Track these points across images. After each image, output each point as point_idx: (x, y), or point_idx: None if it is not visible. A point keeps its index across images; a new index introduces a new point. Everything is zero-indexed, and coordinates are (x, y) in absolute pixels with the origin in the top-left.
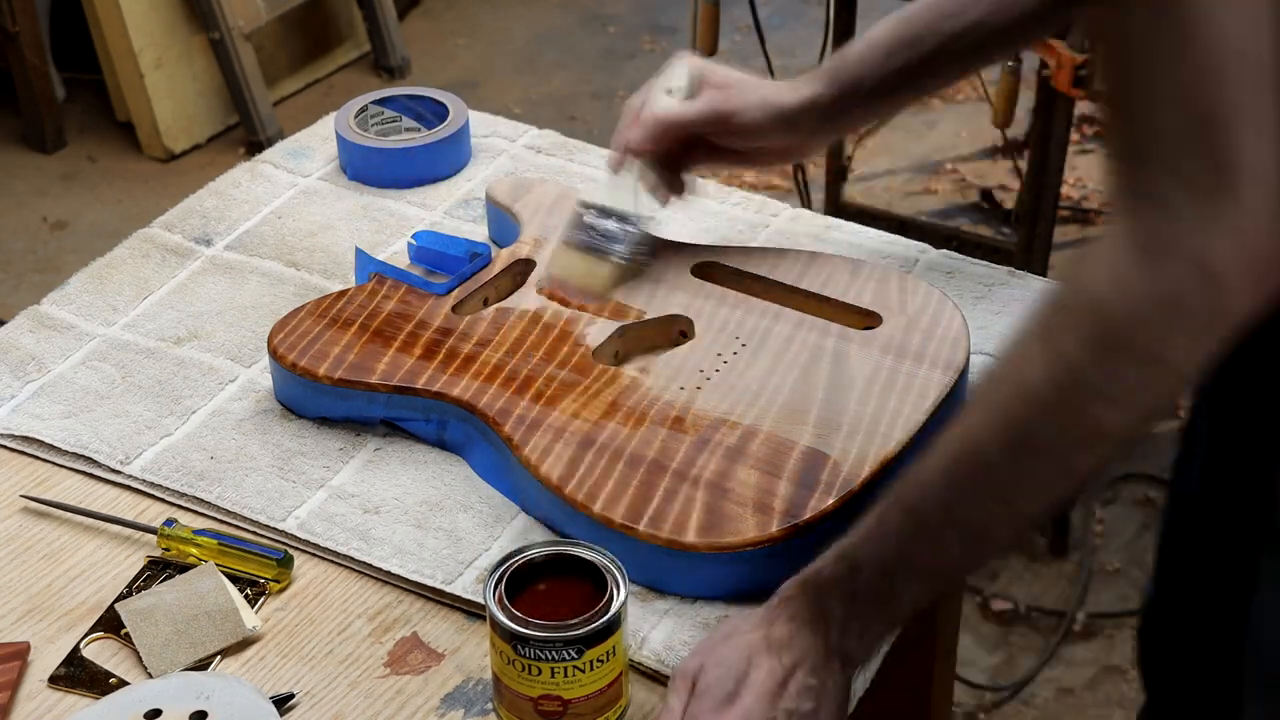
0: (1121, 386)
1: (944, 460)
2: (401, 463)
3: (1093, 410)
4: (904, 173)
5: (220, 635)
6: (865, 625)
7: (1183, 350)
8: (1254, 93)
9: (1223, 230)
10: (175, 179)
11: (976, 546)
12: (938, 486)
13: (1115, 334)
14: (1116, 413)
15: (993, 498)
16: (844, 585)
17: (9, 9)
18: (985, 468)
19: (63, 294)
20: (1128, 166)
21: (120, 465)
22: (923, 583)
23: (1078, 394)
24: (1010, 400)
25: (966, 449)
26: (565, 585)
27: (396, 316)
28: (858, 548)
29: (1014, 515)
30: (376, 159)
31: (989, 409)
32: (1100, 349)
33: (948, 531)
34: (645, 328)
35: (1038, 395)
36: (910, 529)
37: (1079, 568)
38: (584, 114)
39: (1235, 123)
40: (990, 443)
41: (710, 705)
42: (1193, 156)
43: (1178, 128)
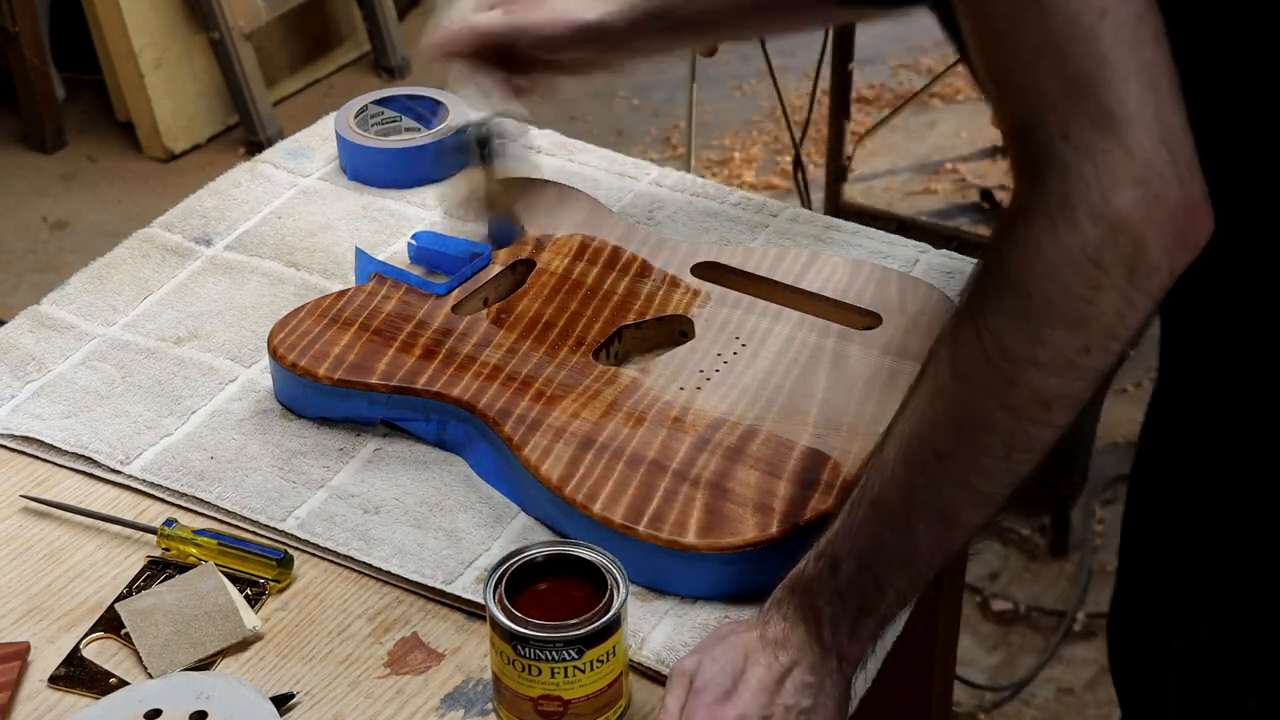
0: (1053, 353)
1: (898, 447)
2: (401, 463)
3: (1028, 380)
4: (904, 173)
5: (220, 635)
6: (855, 621)
7: (1109, 308)
8: (1127, 45)
9: (1122, 181)
10: (175, 179)
11: (947, 531)
12: (897, 475)
13: (1035, 302)
14: (1054, 379)
15: (950, 480)
16: (828, 583)
17: (9, 9)
18: (936, 452)
19: (63, 294)
20: (1019, 136)
21: (120, 465)
22: (902, 572)
23: (1010, 367)
24: (947, 382)
25: (916, 434)
26: (565, 585)
27: (396, 317)
28: (834, 544)
29: (976, 496)
30: (376, 159)
31: (931, 393)
32: (1024, 319)
33: (914, 519)
34: (645, 328)
35: (972, 373)
36: (877, 520)
37: (1079, 568)
38: (584, 114)
39: (1112, 76)
40: (936, 426)
41: (707, 702)
42: (1078, 115)
43: (1058, 90)
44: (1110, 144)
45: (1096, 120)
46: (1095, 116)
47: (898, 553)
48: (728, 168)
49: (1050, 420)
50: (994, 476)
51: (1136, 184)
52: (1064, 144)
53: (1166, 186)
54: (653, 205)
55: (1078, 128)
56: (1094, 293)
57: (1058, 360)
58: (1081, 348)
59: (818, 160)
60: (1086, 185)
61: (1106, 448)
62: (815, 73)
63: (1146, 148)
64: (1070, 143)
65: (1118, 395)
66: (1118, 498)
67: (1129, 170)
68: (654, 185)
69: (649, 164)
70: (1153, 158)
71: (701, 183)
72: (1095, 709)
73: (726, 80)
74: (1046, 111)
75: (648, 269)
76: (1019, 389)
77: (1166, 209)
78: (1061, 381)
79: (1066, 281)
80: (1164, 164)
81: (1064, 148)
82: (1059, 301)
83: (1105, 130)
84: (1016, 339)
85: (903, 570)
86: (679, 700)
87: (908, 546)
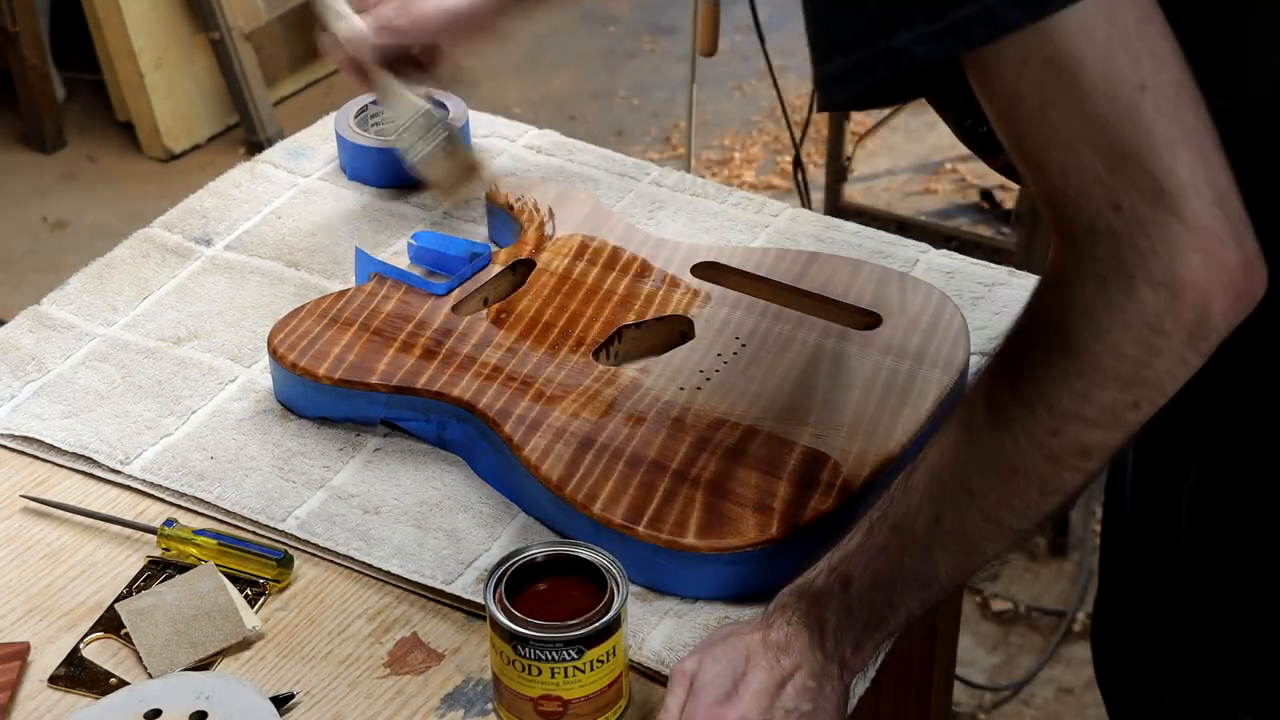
0: (1100, 409)
1: (928, 478)
2: (401, 463)
3: (1074, 433)
4: (904, 173)
5: (220, 635)
6: (861, 635)
7: (1165, 369)
8: (1169, 117)
9: (1185, 250)
10: (175, 179)
11: (967, 559)
12: (923, 504)
13: (1086, 363)
14: (1100, 432)
15: (980, 516)
16: (838, 597)
17: (9, 9)
18: (969, 490)
19: (63, 294)
20: (1061, 206)
21: (120, 465)
22: (914, 595)
23: (1055, 420)
24: (986, 428)
25: (949, 469)
26: (565, 585)
27: (396, 317)
28: (849, 562)
29: (1002, 530)
30: (376, 159)
31: (967, 433)
32: (1076, 378)
33: (936, 547)
34: (645, 328)
35: (1014, 423)
36: (897, 545)
37: (1079, 568)
38: (584, 114)
39: (1159, 148)
40: (971, 465)
41: (708, 703)
42: (1127, 189)
43: (1103, 166)
44: (1166, 215)
45: (1147, 193)
46: (1145, 189)
47: (915, 576)
48: (728, 168)
49: (1087, 468)
50: (1024, 515)
51: (1198, 252)
52: (1115, 215)
53: (1226, 250)
54: (653, 205)
55: (1128, 200)
56: (1151, 357)
57: (1105, 416)
58: (1131, 404)
59: (818, 160)
60: (1142, 255)
61: None
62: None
63: (1202, 215)
64: (1122, 214)
65: None
66: None
67: (1189, 240)
68: (654, 185)
69: (649, 164)
70: (1210, 223)
71: (701, 183)
72: (1095, 709)
73: (726, 80)
74: (1092, 186)
75: (648, 269)
76: (1062, 440)
77: (1228, 272)
78: (1106, 434)
79: (1120, 345)
80: (1221, 227)
81: (1115, 219)
82: (1112, 364)
83: (1158, 202)
84: (1065, 396)
85: (917, 593)
86: (679, 701)
87: (926, 572)
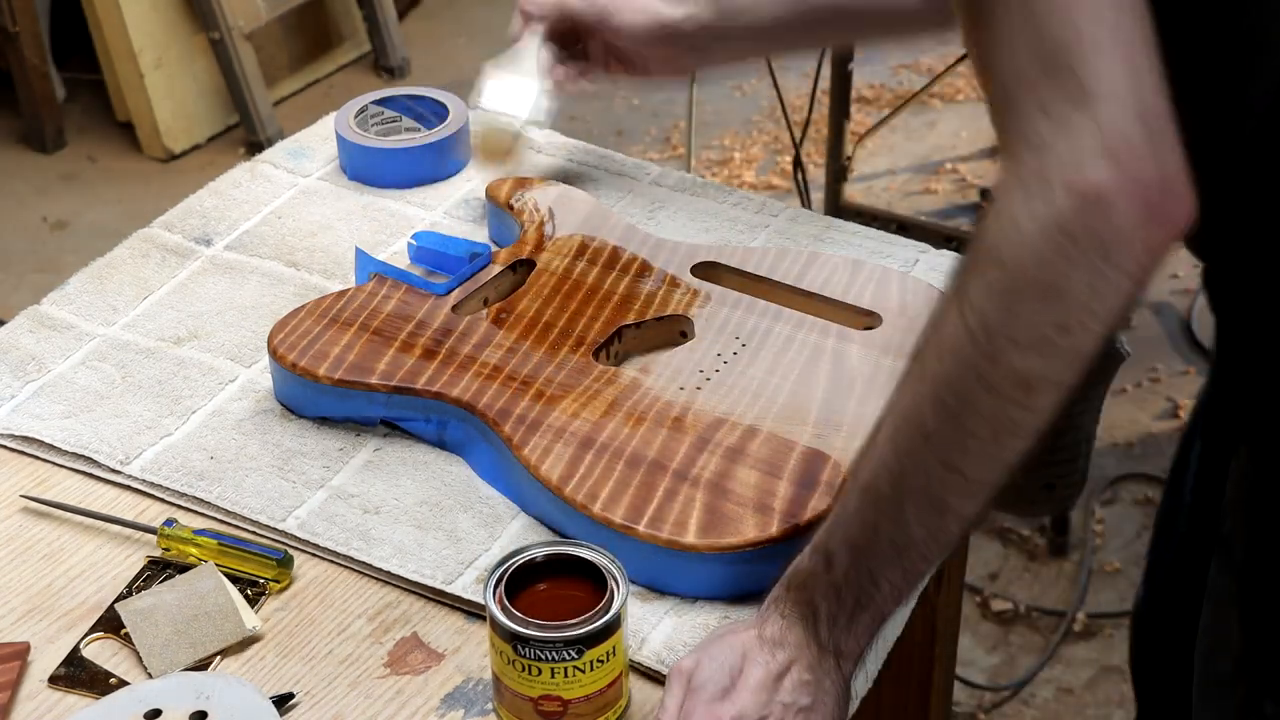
0: (1029, 328)
1: (888, 432)
2: (401, 463)
3: (1008, 359)
4: (904, 173)
5: (220, 635)
6: (851, 616)
7: (1082, 283)
8: (1105, 23)
9: (1092, 152)
10: (175, 179)
11: (938, 518)
12: (886, 459)
13: (1012, 275)
14: (1034, 358)
15: (937, 463)
16: (823, 578)
17: (9, 9)
18: (923, 433)
19: (63, 294)
20: (1004, 117)
21: (120, 465)
22: (894, 564)
23: (991, 343)
24: (933, 362)
25: (904, 416)
26: (565, 585)
27: (396, 317)
28: (828, 536)
29: (965, 482)
30: (376, 159)
31: (919, 374)
32: (1002, 293)
33: (905, 505)
34: (645, 328)
35: (955, 351)
36: (868, 507)
37: (1079, 568)
38: (584, 114)
39: (1087, 52)
40: (923, 407)
41: (705, 700)
42: (1055, 91)
43: (1037, 69)
44: (1084, 119)
45: (1072, 95)
46: (1071, 93)
47: (889, 540)
48: (728, 168)
49: (1031, 404)
50: (980, 461)
51: (1107, 157)
52: (1043, 119)
53: (1140, 162)
54: (653, 205)
55: (1056, 106)
56: (1067, 266)
57: (1035, 337)
58: (1058, 325)
59: (818, 160)
60: (1060, 160)
61: (1106, 448)
62: (815, 73)
63: (1118, 121)
64: (1049, 120)
65: (1118, 395)
66: (1117, 498)
67: (1101, 145)
68: (654, 185)
69: (649, 164)
70: (1126, 131)
71: (701, 183)
72: (1095, 709)
73: (726, 80)
74: (1026, 90)
75: (648, 269)
76: (999, 367)
77: (1139, 183)
78: (1042, 361)
79: (1040, 253)
80: (1138, 138)
81: (1042, 123)
82: (1034, 274)
83: (1080, 105)
84: (995, 314)
85: (895, 560)
86: (677, 700)
87: (899, 534)
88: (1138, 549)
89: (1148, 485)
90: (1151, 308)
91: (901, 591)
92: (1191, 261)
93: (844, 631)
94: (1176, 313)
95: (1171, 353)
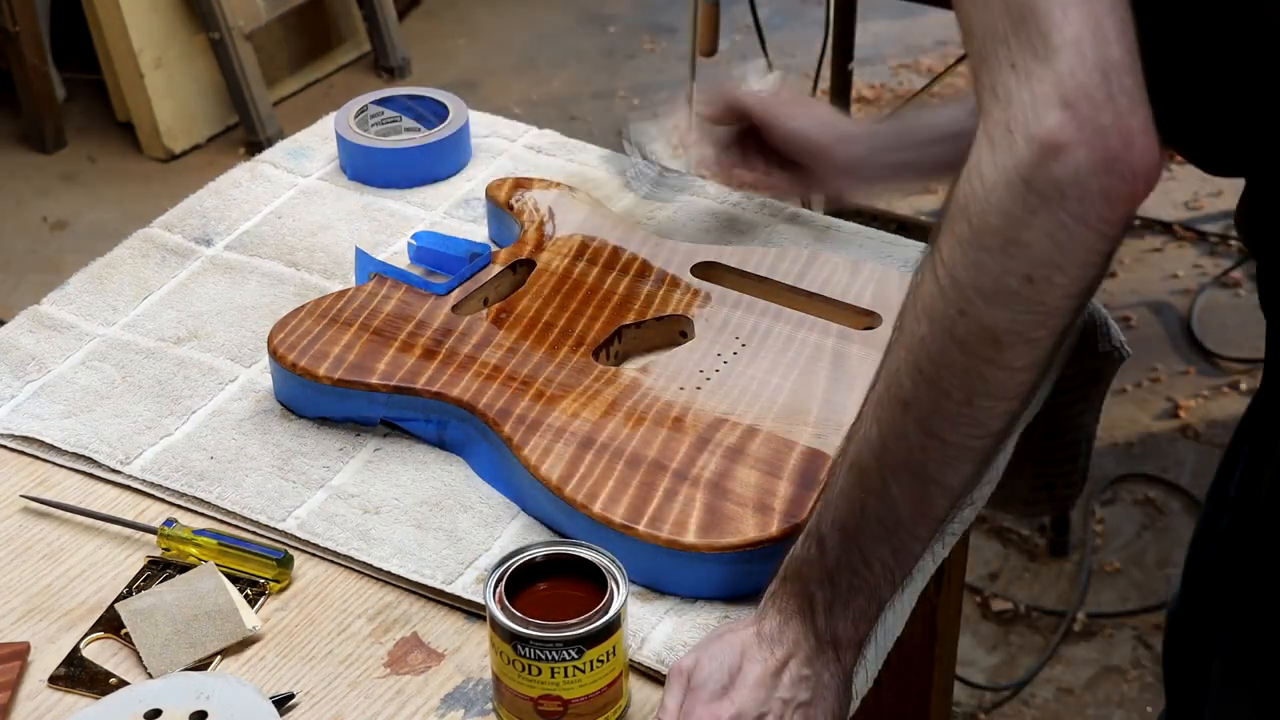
0: (993, 280)
1: (871, 403)
2: (401, 463)
3: (975, 312)
4: None
5: (220, 635)
6: (847, 602)
7: (1042, 232)
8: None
9: (1050, 102)
10: (175, 179)
11: (922, 491)
12: (869, 433)
13: (975, 224)
14: (1000, 310)
15: (917, 429)
16: (816, 565)
17: (9, 9)
18: (901, 399)
19: (63, 294)
20: (979, 74)
21: (120, 465)
22: (883, 543)
23: (958, 296)
24: (911, 322)
25: (886, 383)
26: (565, 585)
27: (396, 316)
28: (819, 519)
29: (945, 448)
30: (376, 159)
31: (898, 340)
32: (967, 245)
33: (889, 478)
34: (645, 328)
35: (929, 309)
36: (855, 484)
37: (1079, 568)
38: (584, 114)
39: (1050, 4)
40: (902, 370)
41: (704, 699)
42: (1024, 42)
43: (1006, 21)
44: (1044, 69)
45: (1035, 47)
46: (1034, 44)
47: (877, 518)
48: None
49: (1002, 360)
50: (958, 425)
51: (1064, 106)
52: (1011, 74)
53: (1097, 110)
54: (653, 205)
55: (1022, 59)
56: (1027, 215)
57: (1000, 289)
58: (1022, 277)
59: None
60: (1019, 107)
61: (1106, 448)
62: (815, 73)
63: (1078, 71)
64: (1016, 73)
65: (1118, 395)
66: (1117, 498)
67: (1058, 94)
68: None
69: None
70: (1084, 81)
71: (701, 183)
72: (1095, 709)
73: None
74: (999, 46)
75: (648, 269)
76: (967, 320)
77: (1096, 131)
78: (1008, 315)
79: (1000, 202)
80: (1096, 88)
81: (1011, 78)
82: (996, 223)
83: (1042, 58)
84: (962, 268)
85: (886, 539)
86: (677, 699)
87: (886, 510)
88: (1138, 549)
89: (1148, 485)
90: (1151, 308)
91: (894, 573)
92: (1192, 261)
93: (840, 618)
94: (1176, 313)
95: (1171, 353)
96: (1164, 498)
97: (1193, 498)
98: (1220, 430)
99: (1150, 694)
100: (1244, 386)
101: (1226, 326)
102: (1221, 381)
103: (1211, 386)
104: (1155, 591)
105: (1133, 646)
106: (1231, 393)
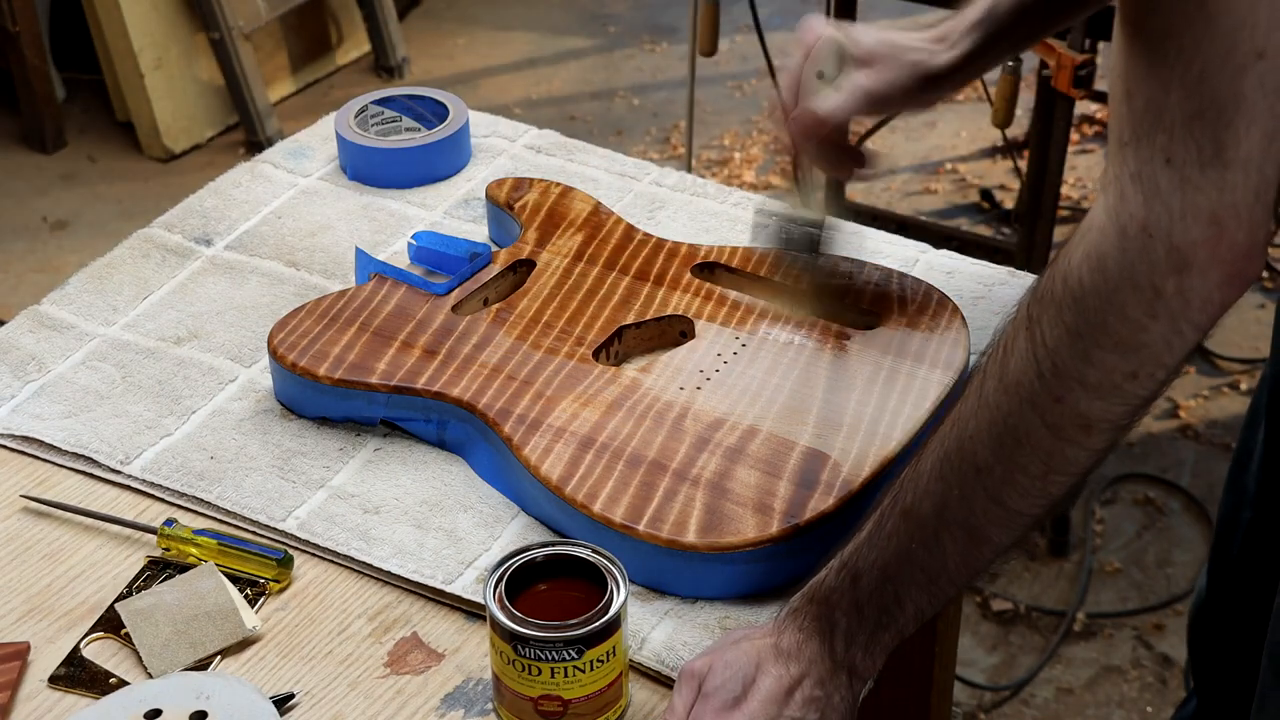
0: (1101, 375)
1: (936, 458)
2: (401, 463)
3: (1074, 400)
4: (904, 173)
5: (220, 635)
6: (871, 636)
7: (1159, 337)
8: (1268, 93)
9: (1200, 216)
10: (175, 179)
11: (974, 549)
12: (931, 486)
13: (1091, 320)
14: (1099, 402)
15: (984, 495)
16: (847, 595)
17: (9, 9)
18: (975, 465)
19: (63, 294)
20: (1126, 149)
21: (120, 465)
22: (922, 589)
23: (1059, 383)
24: (995, 394)
25: (957, 446)
26: (565, 585)
27: (396, 316)
28: (858, 554)
29: (1008, 515)
30: (376, 159)
31: (977, 404)
32: (1078, 335)
33: (943, 533)
34: (645, 328)
35: (1021, 387)
36: (906, 531)
37: (1079, 568)
38: (584, 114)
39: (1238, 115)
40: (978, 438)
41: (716, 707)
42: (1191, 141)
43: (1181, 114)
44: (1206, 181)
45: (1205, 154)
46: (1205, 150)
47: (922, 566)
48: (728, 168)
49: (1089, 444)
50: (1028, 495)
51: (1213, 223)
52: (1165, 167)
53: (1240, 230)
54: (653, 205)
55: (1181, 157)
56: (1149, 320)
57: (1105, 383)
58: (1130, 373)
59: None
60: (1169, 213)
61: None
62: None
63: (1239, 190)
64: (1170, 169)
65: None
66: (1117, 498)
67: (1212, 207)
68: (654, 185)
69: (649, 164)
70: (1239, 201)
71: (701, 183)
72: (1095, 709)
73: (726, 80)
74: (1158, 131)
75: (648, 269)
76: (1064, 408)
77: (1232, 249)
78: (1105, 405)
79: (1124, 304)
80: (1247, 209)
81: (1162, 172)
82: (1115, 324)
83: (1208, 166)
84: (1069, 358)
85: (925, 586)
86: (686, 702)
87: (933, 561)
88: (1138, 549)
89: (1148, 485)
90: None
91: (924, 614)
92: None
93: (861, 649)
94: None
95: None
96: (1164, 498)
97: (1193, 497)
98: (1220, 430)
99: (1150, 694)
100: (1244, 386)
101: (1226, 327)
102: (1221, 381)
103: (1211, 386)
104: (1155, 591)
105: (1133, 646)
106: (1231, 393)
